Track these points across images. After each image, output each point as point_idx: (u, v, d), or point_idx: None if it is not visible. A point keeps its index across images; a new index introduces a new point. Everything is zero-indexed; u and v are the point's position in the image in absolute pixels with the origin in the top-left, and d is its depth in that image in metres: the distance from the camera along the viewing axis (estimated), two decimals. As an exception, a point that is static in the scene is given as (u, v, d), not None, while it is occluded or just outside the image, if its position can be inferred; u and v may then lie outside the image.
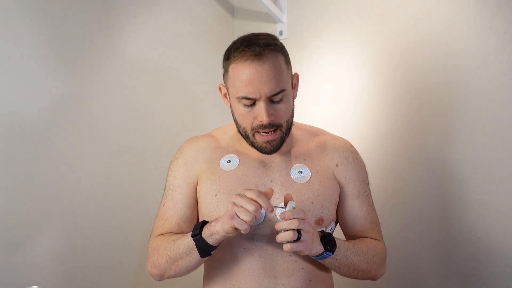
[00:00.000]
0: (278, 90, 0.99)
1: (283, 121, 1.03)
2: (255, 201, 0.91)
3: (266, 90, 0.98)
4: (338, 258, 1.02)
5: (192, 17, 1.87)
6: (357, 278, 1.09)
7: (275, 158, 1.11)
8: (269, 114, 1.00)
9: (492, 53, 1.38)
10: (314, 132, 1.19)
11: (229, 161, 1.10)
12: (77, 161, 1.46)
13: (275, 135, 1.04)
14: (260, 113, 1.00)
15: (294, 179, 1.08)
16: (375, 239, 1.13)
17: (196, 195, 1.12)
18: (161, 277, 1.10)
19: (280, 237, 0.93)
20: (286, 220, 0.92)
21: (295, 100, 1.10)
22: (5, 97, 1.30)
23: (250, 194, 0.92)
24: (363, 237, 1.13)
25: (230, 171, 1.09)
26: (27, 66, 1.34)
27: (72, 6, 1.44)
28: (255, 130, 1.03)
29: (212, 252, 1.01)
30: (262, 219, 1.05)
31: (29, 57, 1.34)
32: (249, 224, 0.92)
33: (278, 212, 1.03)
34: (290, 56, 1.08)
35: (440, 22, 1.48)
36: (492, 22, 1.38)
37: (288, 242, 0.93)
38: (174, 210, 1.11)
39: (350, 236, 1.15)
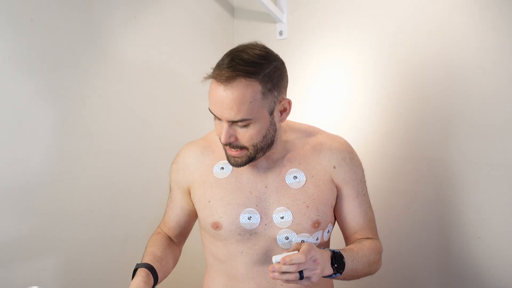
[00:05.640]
0: (238, 118, 0.97)
1: (247, 144, 1.01)
2: None
3: (227, 115, 0.97)
4: (345, 273, 1.02)
5: (192, 17, 1.87)
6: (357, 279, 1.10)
7: (270, 164, 1.10)
8: (228, 136, 0.99)
9: (492, 53, 1.38)
10: (311, 133, 1.16)
11: (222, 168, 1.10)
12: (76, 161, 1.46)
13: (241, 153, 1.02)
14: (221, 132, 1.00)
15: (289, 184, 1.08)
16: (372, 237, 1.14)
17: (191, 200, 1.15)
18: None
19: (284, 277, 0.91)
20: (285, 265, 0.90)
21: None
22: (4, 97, 1.30)
23: None
24: (361, 235, 1.14)
25: (224, 178, 1.09)
26: (27, 66, 1.34)
27: (72, 6, 1.44)
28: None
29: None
30: (258, 223, 1.05)
31: (29, 57, 1.35)
32: None
33: (273, 258, 0.96)
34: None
35: (440, 22, 1.48)
36: (492, 22, 1.37)
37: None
38: (173, 210, 1.18)
39: (349, 235, 1.16)
